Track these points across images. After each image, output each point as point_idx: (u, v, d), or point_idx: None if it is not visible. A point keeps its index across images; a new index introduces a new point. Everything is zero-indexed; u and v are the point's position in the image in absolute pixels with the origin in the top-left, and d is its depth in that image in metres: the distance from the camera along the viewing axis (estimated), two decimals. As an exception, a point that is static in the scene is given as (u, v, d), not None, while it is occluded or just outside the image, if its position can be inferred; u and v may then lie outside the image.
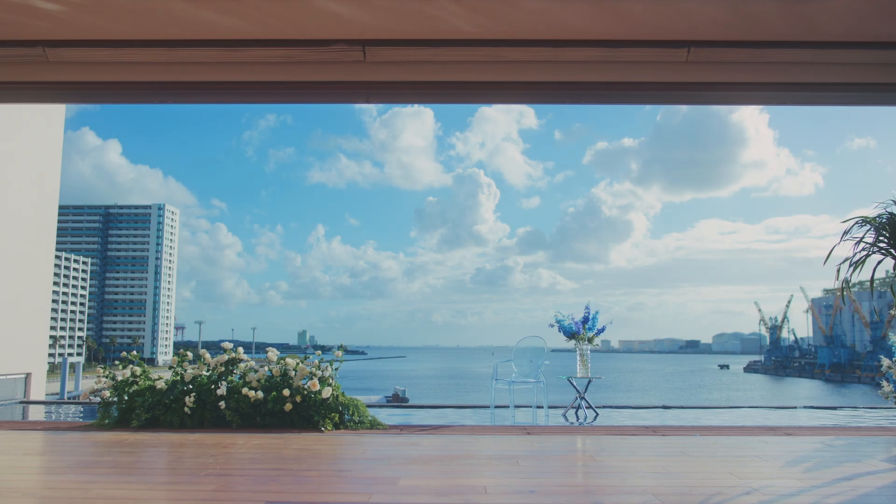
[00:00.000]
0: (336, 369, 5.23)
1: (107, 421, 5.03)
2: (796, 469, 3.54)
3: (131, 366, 5.24)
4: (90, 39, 4.10)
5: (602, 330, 6.80)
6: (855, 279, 4.30)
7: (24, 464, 3.65)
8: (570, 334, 6.78)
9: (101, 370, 5.22)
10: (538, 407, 6.66)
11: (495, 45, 4.07)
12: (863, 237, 4.07)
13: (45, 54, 4.07)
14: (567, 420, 6.38)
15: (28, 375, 8.43)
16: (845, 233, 4.12)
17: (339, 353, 5.44)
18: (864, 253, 4.08)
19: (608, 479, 3.30)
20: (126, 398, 5.09)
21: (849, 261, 4.14)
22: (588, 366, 6.79)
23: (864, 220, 4.23)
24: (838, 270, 4.13)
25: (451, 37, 4.03)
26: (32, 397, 8.23)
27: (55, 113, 9.86)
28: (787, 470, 3.50)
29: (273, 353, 5.33)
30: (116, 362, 5.31)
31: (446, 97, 4.54)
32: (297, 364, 5.18)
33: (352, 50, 4.07)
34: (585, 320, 6.81)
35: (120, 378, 5.16)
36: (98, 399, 5.21)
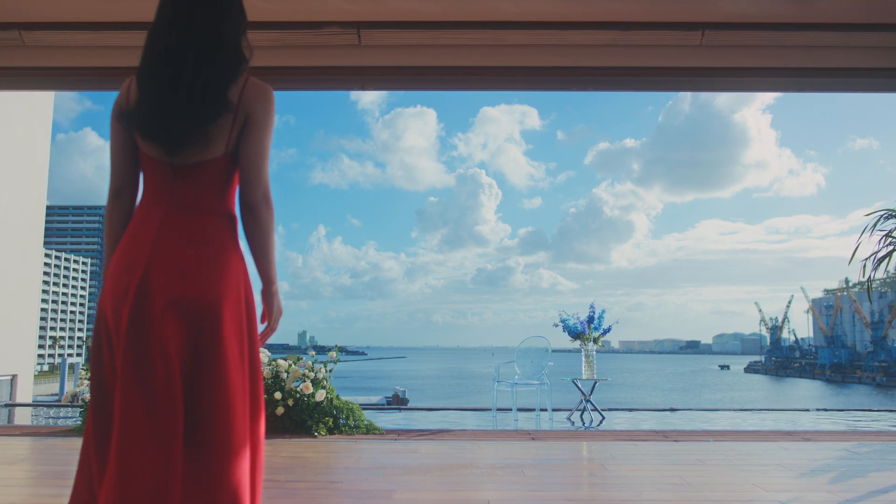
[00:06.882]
0: (330, 371, 4.98)
1: (89, 426, 4.78)
2: (824, 480, 3.29)
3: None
4: (70, 21, 3.84)
5: (608, 330, 6.56)
6: (878, 275, 4.06)
7: (-7, 473, 3.40)
8: (576, 334, 6.54)
9: (84, 372, 4.97)
10: (542, 409, 6.41)
11: (498, 28, 3.82)
12: (890, 231, 3.83)
13: (21, 37, 3.83)
14: (572, 424, 6.13)
15: (14, 377, 8.20)
16: (871, 226, 3.88)
17: (334, 353, 5.19)
18: (892, 248, 3.84)
19: (622, 491, 3.04)
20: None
21: (874, 255, 3.90)
22: (594, 367, 6.54)
23: (891, 213, 3.99)
24: (864, 266, 3.90)
25: (451, 18, 3.79)
26: (19, 400, 7.98)
27: (43, 112, 9.63)
28: (815, 481, 3.25)
29: (263, 355, 5.08)
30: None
31: (446, 83, 4.29)
32: (290, 366, 4.92)
33: (346, 32, 3.82)
34: (591, 320, 6.57)
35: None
36: (81, 402, 4.97)
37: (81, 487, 1.48)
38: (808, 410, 7.38)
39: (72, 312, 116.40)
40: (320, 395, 4.71)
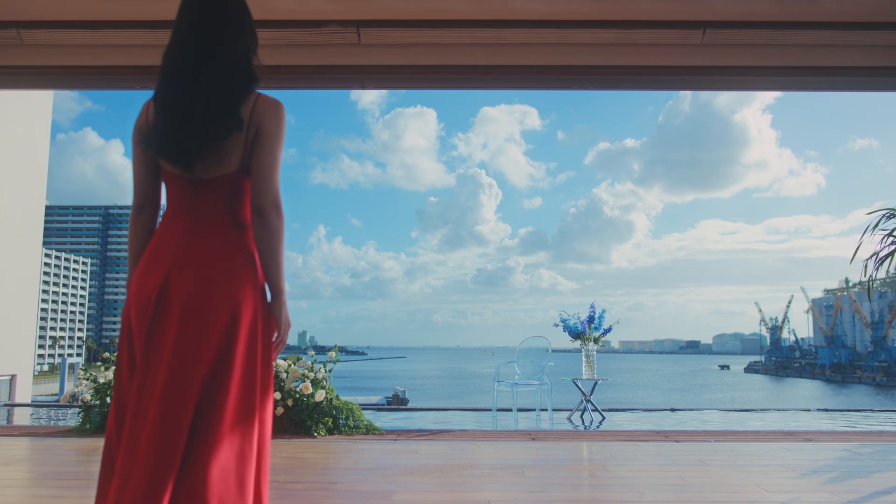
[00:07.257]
0: (330, 371, 4.97)
1: (87, 426, 4.76)
2: (826, 480, 3.27)
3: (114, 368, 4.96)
4: (68, 20, 3.82)
5: (609, 329, 6.54)
6: (879, 275, 4.05)
7: (-9, 474, 3.38)
8: (576, 334, 6.52)
9: (82, 372, 4.95)
10: (542, 410, 6.40)
11: (498, 27, 3.80)
12: (892, 231, 3.82)
13: (20, 36, 3.81)
14: (573, 424, 6.12)
15: (13, 377, 8.18)
16: (873, 226, 3.86)
17: (333, 353, 5.18)
18: (894, 247, 3.83)
19: (623, 492, 3.03)
20: (108, 402, 4.82)
21: (876, 255, 3.89)
22: (594, 367, 6.52)
23: (892, 213, 3.97)
24: (865, 266, 3.88)
25: (451, 17, 3.77)
26: (18, 400, 7.96)
27: (43, 111, 9.61)
28: (817, 482, 3.23)
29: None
30: (98, 363, 5.05)
31: (446, 82, 4.27)
32: (289, 366, 4.91)
33: (346, 31, 3.80)
34: (591, 319, 6.55)
35: (102, 381, 4.89)
36: (80, 403, 4.94)
37: (106, 482, 1.53)
38: (808, 410, 7.37)
39: (72, 312, 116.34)
40: (320, 396, 4.69)
